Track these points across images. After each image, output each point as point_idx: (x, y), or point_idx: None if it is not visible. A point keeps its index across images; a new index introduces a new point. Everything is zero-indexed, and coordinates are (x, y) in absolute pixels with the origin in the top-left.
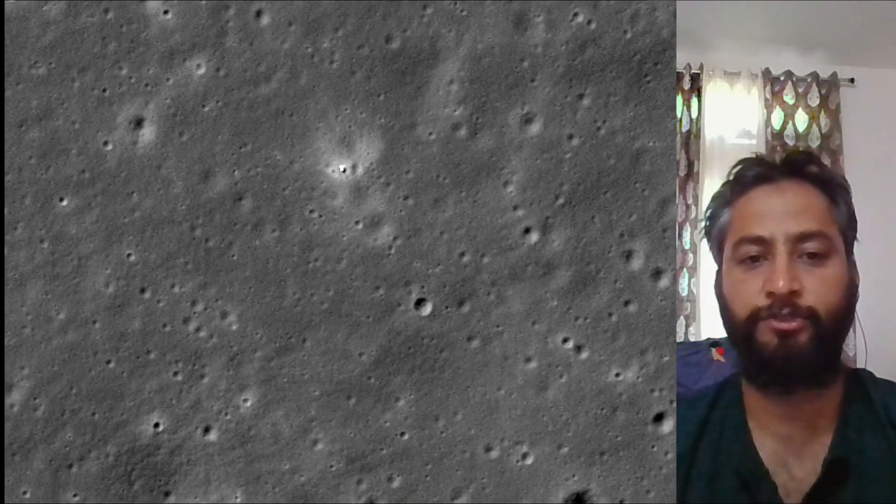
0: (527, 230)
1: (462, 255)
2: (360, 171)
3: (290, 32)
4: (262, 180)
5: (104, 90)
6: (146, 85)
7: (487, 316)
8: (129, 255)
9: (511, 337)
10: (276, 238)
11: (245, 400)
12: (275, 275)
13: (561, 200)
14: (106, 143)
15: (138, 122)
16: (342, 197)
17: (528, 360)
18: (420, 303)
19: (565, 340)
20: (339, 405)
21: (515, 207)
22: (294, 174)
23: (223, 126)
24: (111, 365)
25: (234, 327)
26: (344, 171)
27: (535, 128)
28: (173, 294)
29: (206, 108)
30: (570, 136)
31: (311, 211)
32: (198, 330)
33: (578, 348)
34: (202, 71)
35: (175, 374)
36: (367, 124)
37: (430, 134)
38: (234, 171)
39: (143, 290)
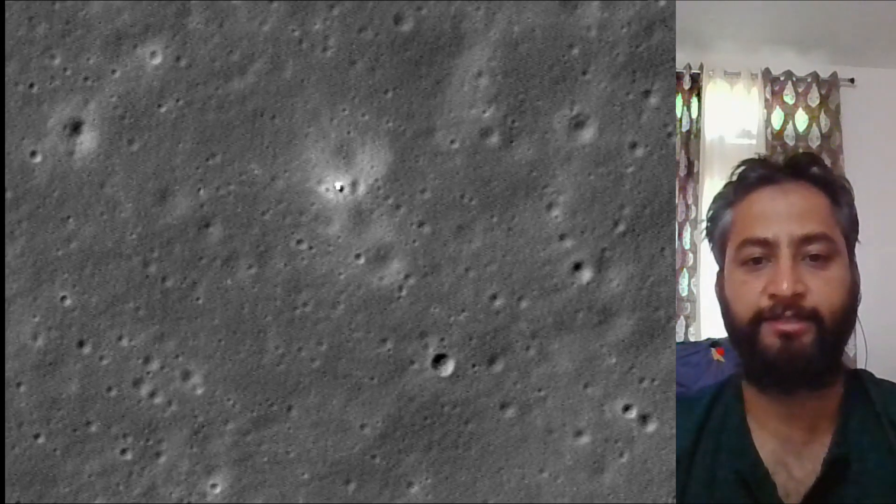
0: (577, 266)
1: (493, 298)
2: (361, 189)
3: (272, 11)
4: (235, 201)
5: (31, 85)
6: (86, 79)
7: (526, 377)
8: (63, 297)
9: (557, 404)
10: (253, 276)
11: (213, 485)
12: (252, 324)
13: (621, 227)
14: (34, 154)
15: (75, 127)
16: (339, 223)
17: (579, 433)
18: (439, 360)
19: (627, 408)
20: (334, 492)
21: (562, 237)
22: (277, 193)
23: (185, 131)
24: (40, 440)
25: (200, 391)
26: (341, 189)
27: (587, 134)
28: (120, 348)
29: (164, 109)
30: (634, 145)
31: (299, 241)
32: (152, 395)
33: (643, 418)
34: (158, 60)
35: (123, 451)
36: (371, 129)
37: (453, 142)
38: (200, 189)
39: (81, 344)
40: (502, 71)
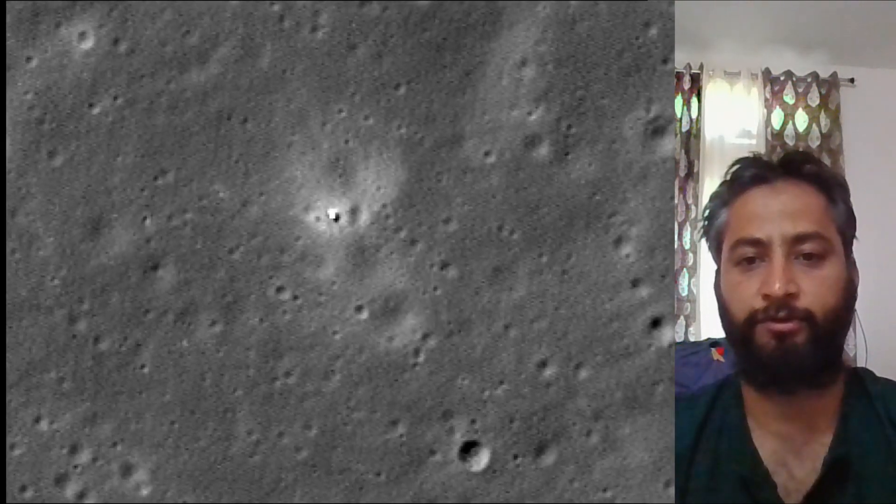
0: (655, 322)
1: (542, 365)
2: (363, 218)
3: None
4: (193, 235)
5: None
6: None
7: (587, 471)
8: None
9: None
10: (217, 336)
11: None
12: (216, 400)
13: None
14: None
15: None
16: (333, 264)
17: None
18: (469, 449)
19: None
20: None
21: (635, 283)
22: (249, 224)
23: (126, 140)
24: None
25: (145, 491)
26: (336, 218)
27: (668, 143)
28: (38, 434)
29: (97, 110)
30: None
31: (280, 289)
32: (82, 495)
33: None
34: (89, 44)
35: None
36: (377, 137)
37: (487, 154)
38: (145, 218)
39: None
40: (554, 59)
